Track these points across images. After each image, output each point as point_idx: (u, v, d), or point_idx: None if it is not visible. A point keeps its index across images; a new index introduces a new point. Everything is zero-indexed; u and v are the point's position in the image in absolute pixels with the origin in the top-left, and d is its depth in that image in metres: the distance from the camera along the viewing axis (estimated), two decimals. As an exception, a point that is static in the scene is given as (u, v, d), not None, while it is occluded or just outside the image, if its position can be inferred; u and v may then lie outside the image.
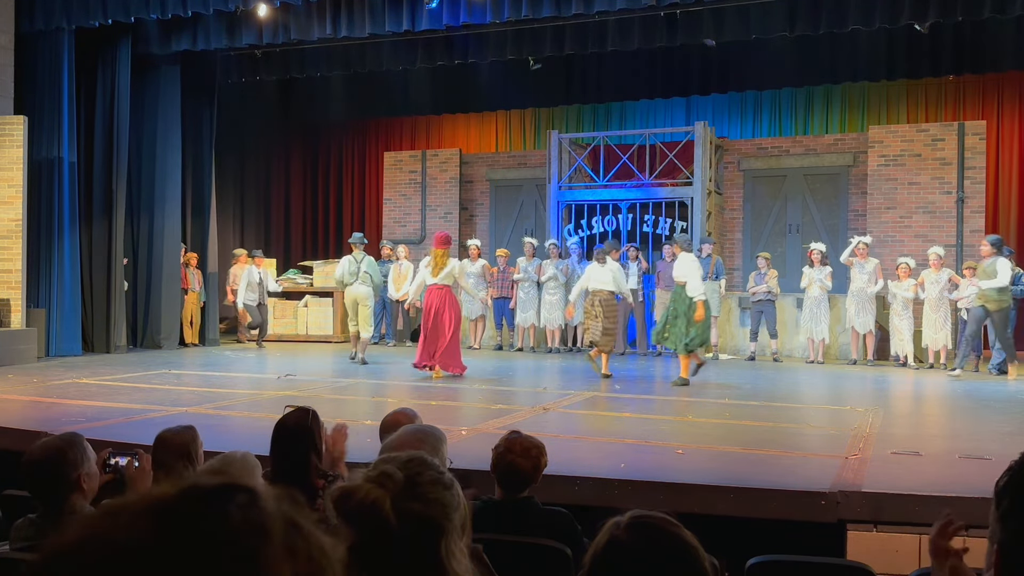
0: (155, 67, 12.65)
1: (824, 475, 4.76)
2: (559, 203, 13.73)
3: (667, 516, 1.44)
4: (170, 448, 3.36)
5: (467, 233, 15.57)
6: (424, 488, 1.54)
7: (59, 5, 11.10)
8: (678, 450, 5.56)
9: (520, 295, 13.08)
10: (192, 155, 13.58)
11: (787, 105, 15.36)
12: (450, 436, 5.61)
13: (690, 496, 4.51)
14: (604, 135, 14.52)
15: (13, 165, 10.83)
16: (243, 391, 8.37)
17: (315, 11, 11.14)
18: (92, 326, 12.01)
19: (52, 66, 11.45)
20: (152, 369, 10.07)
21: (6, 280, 10.83)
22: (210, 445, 3.87)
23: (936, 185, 13.03)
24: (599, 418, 7.09)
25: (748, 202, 14.46)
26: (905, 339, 11.32)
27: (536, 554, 2.99)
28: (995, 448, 5.58)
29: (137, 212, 12.72)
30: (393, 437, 2.60)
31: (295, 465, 3.35)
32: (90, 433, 4.34)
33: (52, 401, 7.46)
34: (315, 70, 13.53)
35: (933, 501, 4.29)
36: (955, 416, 7.75)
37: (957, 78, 13.77)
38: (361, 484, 1.52)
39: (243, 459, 2.61)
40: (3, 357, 10.10)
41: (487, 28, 11.70)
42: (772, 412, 7.46)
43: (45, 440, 2.99)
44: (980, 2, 9.71)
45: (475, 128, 17.19)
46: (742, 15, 10.96)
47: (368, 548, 1.46)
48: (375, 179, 17.51)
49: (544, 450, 3.34)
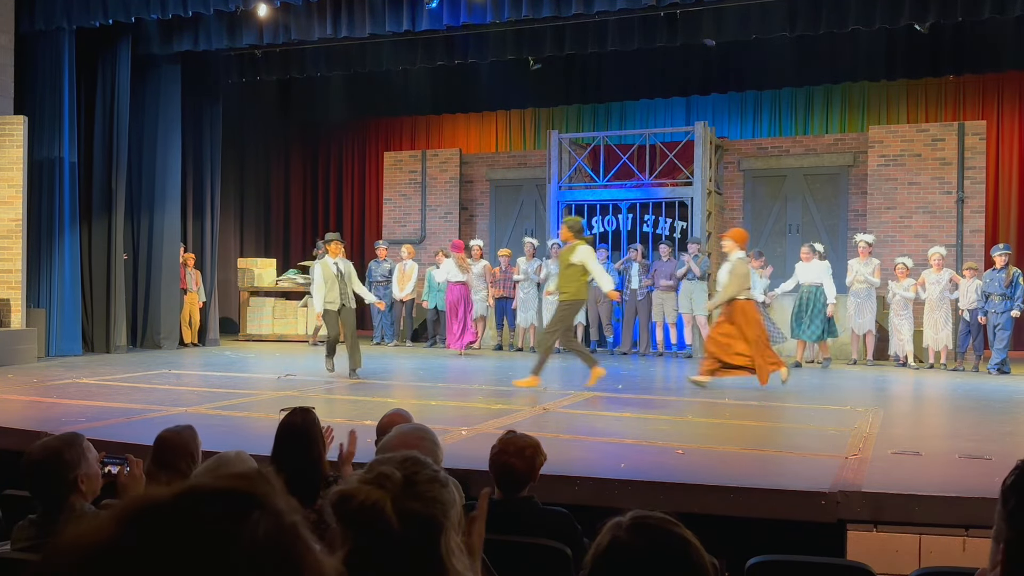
0: (155, 67, 12.65)
1: (824, 475, 4.76)
2: (559, 203, 13.73)
3: (669, 516, 1.44)
4: (172, 448, 3.36)
5: (467, 233, 15.57)
6: (422, 487, 1.54)
7: (59, 5, 11.10)
8: (678, 450, 5.55)
9: (520, 295, 13.08)
10: (193, 155, 13.58)
11: (787, 105, 15.36)
12: (450, 436, 5.63)
13: (690, 496, 4.50)
14: (604, 135, 14.52)
15: (13, 165, 10.84)
16: (243, 391, 8.37)
17: (315, 11, 11.14)
18: (92, 326, 12.02)
19: (52, 66, 11.45)
20: (152, 369, 10.07)
21: (6, 280, 10.83)
22: (210, 445, 3.87)
23: (936, 185, 13.03)
24: (599, 418, 7.09)
25: (748, 202, 14.46)
26: (905, 339, 11.32)
27: (536, 554, 2.99)
28: (995, 448, 5.58)
29: (137, 212, 12.73)
30: (391, 436, 2.61)
31: (298, 465, 3.36)
32: (90, 433, 4.34)
33: (52, 401, 7.46)
34: (315, 70, 13.54)
35: (933, 501, 4.29)
36: (955, 416, 7.75)
37: (957, 78, 13.78)
38: (359, 487, 1.51)
39: (237, 459, 2.61)
40: (3, 357, 10.10)
41: (487, 28, 11.70)
42: (772, 412, 7.46)
43: (45, 440, 2.98)
44: (980, 2, 9.71)
45: (475, 128, 17.19)
46: (742, 15, 10.97)
47: (369, 551, 1.46)
48: (375, 179, 17.51)
49: (540, 448, 3.33)
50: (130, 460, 3.06)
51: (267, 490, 0.79)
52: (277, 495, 0.79)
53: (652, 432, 6.28)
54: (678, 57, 13.20)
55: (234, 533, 0.73)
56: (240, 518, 0.74)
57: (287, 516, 0.78)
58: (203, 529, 0.72)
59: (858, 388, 9.40)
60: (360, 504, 1.47)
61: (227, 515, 0.74)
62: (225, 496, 0.76)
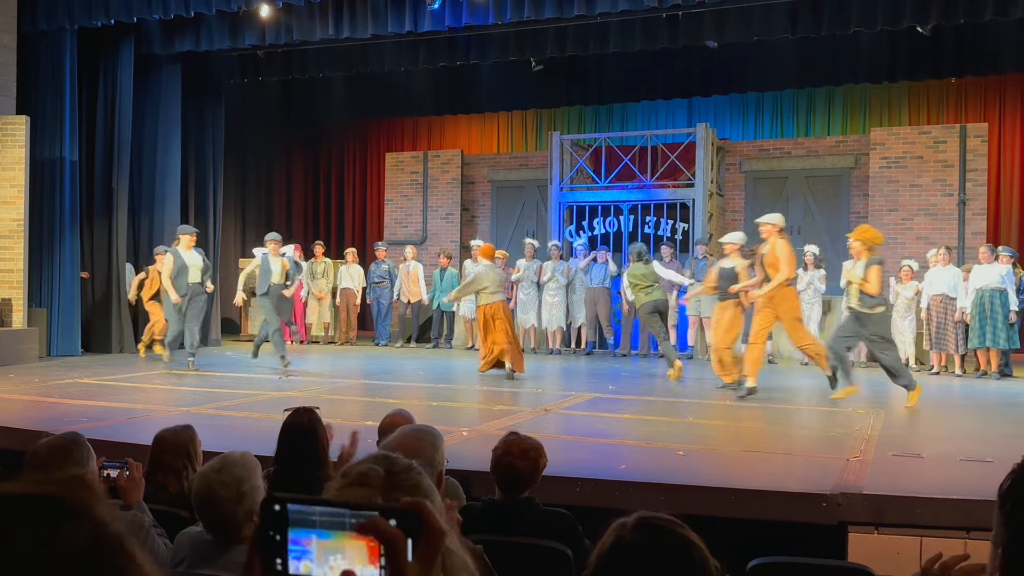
0: (157, 67, 12.66)
1: (825, 477, 4.76)
2: (560, 204, 13.73)
3: (673, 518, 1.44)
4: (170, 448, 3.37)
5: (468, 234, 15.57)
6: (402, 476, 1.56)
7: (61, 5, 11.11)
8: (679, 452, 5.55)
9: (520, 296, 13.07)
10: (194, 155, 13.59)
11: (789, 107, 15.36)
12: (451, 437, 5.63)
13: (691, 497, 4.50)
14: (606, 136, 14.52)
15: (15, 165, 10.84)
16: (243, 391, 8.37)
17: (317, 12, 11.15)
18: (93, 326, 12.02)
19: (54, 66, 11.45)
20: (153, 369, 10.07)
21: (8, 280, 10.83)
22: (211, 445, 3.87)
23: (938, 187, 13.02)
24: (600, 419, 7.09)
25: (750, 204, 14.45)
26: (907, 341, 11.30)
27: (537, 555, 2.99)
28: (997, 451, 5.57)
29: (138, 212, 12.74)
30: (392, 437, 2.60)
31: (302, 466, 3.36)
32: (91, 433, 4.34)
33: (53, 401, 7.47)
34: (317, 71, 13.54)
35: (934, 504, 4.29)
36: (956, 418, 7.75)
37: (959, 80, 13.77)
38: (344, 491, 1.52)
39: (242, 459, 2.61)
40: (4, 357, 10.10)
41: (489, 29, 11.70)
42: (773, 414, 7.45)
43: (48, 440, 2.99)
44: (982, 4, 9.70)
45: (477, 129, 17.20)
46: (744, 16, 10.96)
47: None
48: (376, 180, 17.52)
49: (543, 451, 3.34)
50: (130, 464, 3.07)
51: (84, 496, 0.72)
52: (97, 502, 0.72)
53: (653, 433, 6.27)
54: (680, 58, 13.20)
55: (42, 545, 0.66)
56: (51, 528, 0.67)
57: (109, 526, 0.71)
58: (6, 542, 0.66)
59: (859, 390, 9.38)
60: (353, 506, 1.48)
61: (36, 525, 0.67)
62: (34, 503, 0.69)
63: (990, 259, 10.66)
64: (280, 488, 3.28)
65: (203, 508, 2.53)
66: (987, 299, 10.50)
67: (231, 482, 2.50)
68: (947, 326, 10.80)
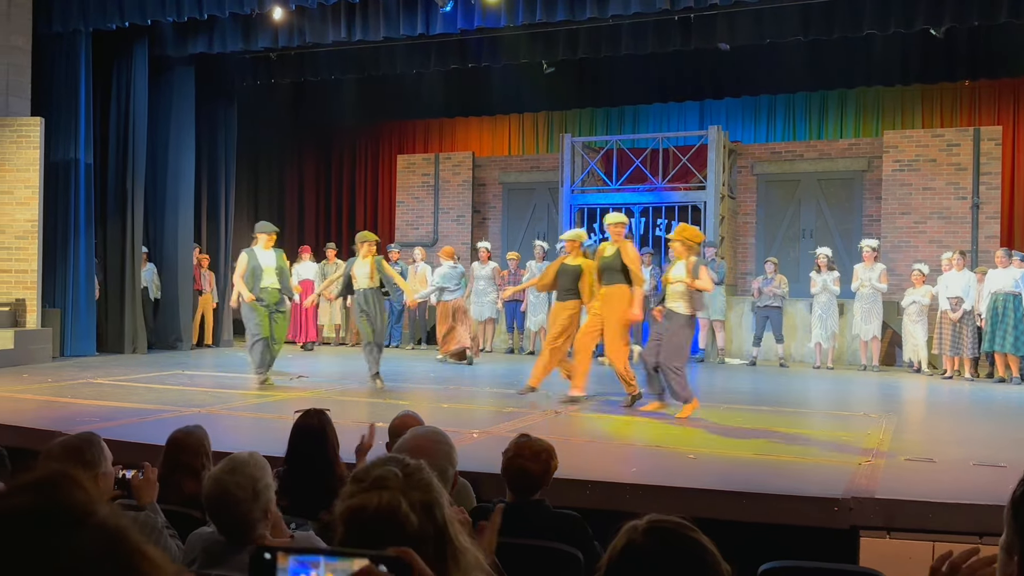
0: (170, 69, 12.72)
1: (837, 481, 4.74)
2: (572, 206, 13.72)
3: (685, 521, 1.44)
4: (187, 448, 3.39)
5: (479, 236, 15.58)
6: (415, 477, 1.58)
7: (76, 7, 11.19)
8: (690, 455, 5.54)
9: (531, 298, 13.07)
10: (207, 157, 13.64)
11: (801, 109, 15.30)
12: (461, 439, 5.64)
13: (701, 501, 4.49)
14: (617, 139, 14.50)
15: (30, 166, 10.92)
16: (255, 392, 8.40)
17: (330, 14, 11.18)
18: (107, 326, 12.09)
19: (69, 68, 11.53)
20: (165, 370, 10.12)
21: (22, 280, 10.91)
22: (222, 446, 3.89)
23: (951, 191, 12.95)
24: (610, 422, 7.08)
25: (761, 206, 14.42)
26: (919, 344, 11.25)
27: (547, 557, 2.99)
28: (1010, 455, 5.54)
29: (152, 213, 12.81)
30: (407, 438, 2.61)
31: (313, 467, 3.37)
32: (104, 433, 4.36)
33: (66, 401, 7.51)
34: (329, 73, 13.58)
35: (946, 508, 4.27)
36: (969, 422, 7.70)
37: (973, 83, 13.69)
38: (364, 496, 1.53)
39: (251, 459, 2.62)
40: (18, 357, 10.17)
41: (501, 32, 11.70)
42: (784, 418, 7.43)
43: (63, 439, 3.01)
44: (996, 6, 9.65)
45: (488, 131, 17.21)
46: (756, 19, 10.93)
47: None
48: (388, 182, 17.56)
49: (554, 453, 3.34)
50: (146, 467, 3.09)
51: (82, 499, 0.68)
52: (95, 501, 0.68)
53: (663, 436, 6.26)
54: (692, 61, 13.17)
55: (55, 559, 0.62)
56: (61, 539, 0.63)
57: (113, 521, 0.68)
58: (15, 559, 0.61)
59: (870, 394, 9.35)
60: (377, 508, 1.49)
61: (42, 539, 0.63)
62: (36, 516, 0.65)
63: (1006, 263, 10.59)
64: (290, 488, 3.29)
65: (217, 510, 2.54)
66: (1001, 303, 10.42)
67: (246, 482, 2.50)
68: (962, 330, 10.74)
